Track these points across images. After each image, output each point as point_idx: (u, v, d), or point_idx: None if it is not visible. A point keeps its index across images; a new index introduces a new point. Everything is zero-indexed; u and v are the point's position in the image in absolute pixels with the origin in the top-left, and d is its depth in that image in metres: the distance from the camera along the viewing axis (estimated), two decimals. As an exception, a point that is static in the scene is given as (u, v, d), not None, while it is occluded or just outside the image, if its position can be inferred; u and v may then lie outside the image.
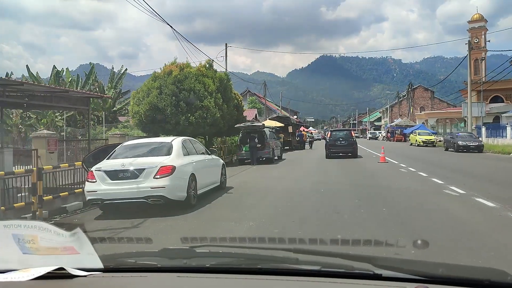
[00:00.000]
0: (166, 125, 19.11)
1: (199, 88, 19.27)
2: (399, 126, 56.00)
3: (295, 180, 12.96)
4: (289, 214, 7.52)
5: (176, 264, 1.83)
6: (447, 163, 19.14)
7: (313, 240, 3.48)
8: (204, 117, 19.05)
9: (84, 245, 1.72)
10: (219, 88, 20.32)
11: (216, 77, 20.51)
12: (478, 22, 64.62)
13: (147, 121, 19.29)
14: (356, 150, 23.38)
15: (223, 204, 8.97)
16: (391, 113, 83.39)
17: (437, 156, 24.23)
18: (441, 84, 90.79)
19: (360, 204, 8.26)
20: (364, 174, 14.20)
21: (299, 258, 1.81)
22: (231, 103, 21.47)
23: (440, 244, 4.89)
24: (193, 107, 19.01)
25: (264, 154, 20.46)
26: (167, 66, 20.46)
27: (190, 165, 8.52)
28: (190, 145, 9.52)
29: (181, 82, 19.33)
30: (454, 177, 12.74)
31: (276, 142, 22.96)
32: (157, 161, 7.92)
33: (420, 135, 38.61)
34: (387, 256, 2.56)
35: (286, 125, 34.36)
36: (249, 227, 6.52)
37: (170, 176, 7.72)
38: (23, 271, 1.66)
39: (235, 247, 2.65)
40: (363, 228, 6.14)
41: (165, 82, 19.30)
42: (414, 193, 9.86)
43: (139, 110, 19.28)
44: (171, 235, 6.16)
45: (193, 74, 19.77)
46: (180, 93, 19.01)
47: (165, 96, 18.99)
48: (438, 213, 7.36)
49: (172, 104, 18.81)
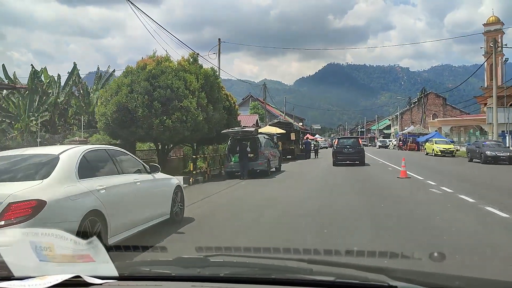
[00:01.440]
0: (138, 129, 15.70)
1: (179, 85, 15.87)
2: (411, 134, 52.06)
3: (289, 205, 9.39)
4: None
5: (190, 273, 1.84)
6: (485, 179, 15.39)
7: (328, 251, 3.18)
8: (184, 120, 15.61)
9: (99, 253, 1.79)
10: (204, 86, 16.90)
11: (200, 73, 17.08)
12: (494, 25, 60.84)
13: (114, 125, 15.87)
14: (363, 158, 23.05)
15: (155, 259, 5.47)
16: (401, 120, 79.67)
17: (465, 169, 20.54)
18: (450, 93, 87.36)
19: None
20: (384, 196, 10.52)
21: (313, 268, 1.81)
22: (219, 105, 18.01)
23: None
24: (170, 108, 15.58)
25: (257, 165, 16.94)
26: (142, 60, 17.07)
27: (90, 196, 4.84)
28: (105, 159, 5.94)
29: (156, 78, 15.94)
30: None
31: (273, 151, 19.44)
32: (8, 192, 4.20)
33: (437, 144, 34.84)
34: (403, 268, 2.12)
35: (288, 132, 30.76)
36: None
37: (31, 221, 4.00)
38: (39, 278, 1.66)
39: (250, 256, 2.60)
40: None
41: (137, 78, 15.91)
42: (488, 248, 5.44)
43: (106, 111, 15.89)
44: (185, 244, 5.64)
45: (171, 69, 16.37)
46: (155, 91, 15.61)
47: (136, 94, 15.60)
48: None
49: (145, 104, 15.40)
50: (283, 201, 10.08)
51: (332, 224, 7.04)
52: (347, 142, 25.15)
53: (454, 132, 56.27)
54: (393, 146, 61.57)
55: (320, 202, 9.52)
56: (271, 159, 18.29)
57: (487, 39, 58.91)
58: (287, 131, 30.53)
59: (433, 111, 73.84)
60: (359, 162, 22.98)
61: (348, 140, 26.40)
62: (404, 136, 53.13)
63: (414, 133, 52.07)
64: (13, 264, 1.75)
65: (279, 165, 20.20)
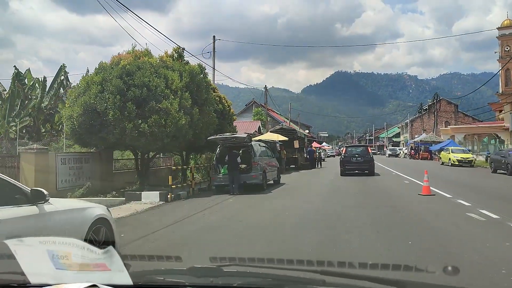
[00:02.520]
0: (109, 135, 13.28)
1: (158, 83, 13.48)
2: (423, 142, 49.10)
3: (277, 239, 6.70)
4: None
5: (203, 283, 1.87)
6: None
7: (341, 263, 2.95)
8: (162, 124, 13.17)
9: (115, 262, 1.79)
10: (189, 85, 14.46)
11: (185, 70, 14.63)
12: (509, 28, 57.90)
13: (81, 130, 13.46)
14: (373, 168, 21.69)
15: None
16: (411, 128, 76.81)
17: (496, 183, 17.74)
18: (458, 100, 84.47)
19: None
20: (411, 225, 7.85)
21: (326, 280, 1.81)
22: (208, 107, 15.54)
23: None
24: (147, 110, 13.17)
25: (250, 178, 14.37)
26: (118, 55, 14.68)
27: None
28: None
29: (131, 75, 13.55)
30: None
31: (271, 161, 16.87)
32: None
33: (454, 153, 32.00)
34: (415, 281, 2.08)
35: (291, 139, 28.16)
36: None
37: None
38: (56, 286, 1.67)
39: (263, 267, 2.59)
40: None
41: (110, 75, 13.51)
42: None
43: (72, 114, 13.49)
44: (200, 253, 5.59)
45: (150, 65, 13.95)
46: (129, 90, 13.22)
47: (107, 94, 13.20)
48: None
49: (116, 105, 13.00)
50: (271, 231, 7.46)
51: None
52: (355, 150, 23.55)
53: (467, 140, 53.39)
54: (404, 155, 58.62)
55: (322, 237, 6.86)
56: (268, 170, 15.73)
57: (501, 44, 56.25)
58: (290, 139, 27.94)
59: (445, 118, 70.92)
60: (368, 172, 21.57)
61: (357, 148, 24.65)
62: (416, 144, 50.22)
63: (426, 141, 49.12)
64: (30, 272, 1.79)
65: (278, 177, 17.61)
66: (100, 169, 15.40)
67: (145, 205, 11.92)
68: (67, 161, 14.15)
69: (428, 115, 75.57)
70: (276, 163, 18.04)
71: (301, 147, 30.63)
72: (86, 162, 15.07)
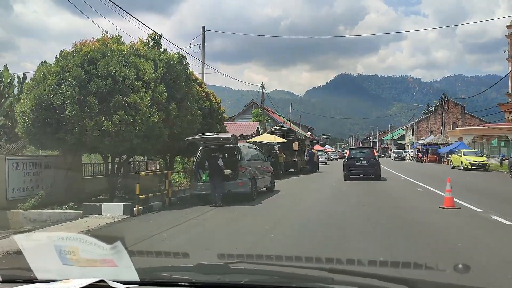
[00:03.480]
0: (67, 136, 11.14)
1: (126, 74, 11.36)
2: (431, 144, 46.62)
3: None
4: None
5: (210, 280, 1.85)
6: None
7: (350, 261, 3.03)
8: (130, 122, 11.02)
9: (122, 258, 1.79)
10: (165, 77, 12.30)
11: (161, 59, 12.48)
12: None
13: (35, 129, 11.32)
14: (379, 172, 20.33)
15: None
16: (417, 130, 74.40)
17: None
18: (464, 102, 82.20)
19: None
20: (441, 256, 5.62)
21: (335, 278, 1.80)
22: (189, 103, 13.39)
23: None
24: (112, 106, 11.03)
25: (235, 186, 12.10)
26: (83, 42, 12.52)
27: None
28: None
29: (95, 63, 11.41)
30: None
31: (263, 166, 14.61)
32: None
33: (466, 156, 29.64)
34: (424, 279, 1.97)
35: (290, 141, 25.90)
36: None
37: None
38: (64, 282, 1.66)
39: (271, 264, 2.51)
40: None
41: (69, 64, 11.37)
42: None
43: (25, 110, 11.37)
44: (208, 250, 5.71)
45: (118, 53, 11.81)
46: (91, 81, 11.07)
47: (65, 86, 11.07)
48: None
49: (75, 99, 10.87)
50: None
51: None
52: (360, 153, 21.65)
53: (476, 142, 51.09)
54: (410, 158, 56.22)
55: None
56: (259, 176, 13.49)
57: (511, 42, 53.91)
58: (288, 140, 25.68)
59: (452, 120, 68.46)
60: (374, 176, 20.10)
61: (362, 151, 22.59)
62: (424, 146, 47.77)
63: (434, 143, 46.65)
64: (37, 268, 1.79)
65: (272, 184, 15.36)
66: (65, 175, 13.25)
67: (105, 220, 9.77)
68: (21, 166, 12.03)
69: (435, 116, 73.21)
70: (270, 168, 15.78)
71: (301, 150, 28.40)
72: (47, 167, 12.93)
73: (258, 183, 13.18)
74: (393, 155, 62.46)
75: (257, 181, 13.10)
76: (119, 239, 1.85)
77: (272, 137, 24.44)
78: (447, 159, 40.10)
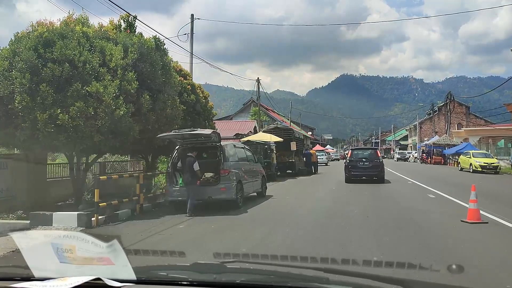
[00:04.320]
0: (17, 130, 9.41)
1: (88, 58, 9.61)
2: (436, 145, 44.72)
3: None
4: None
5: (206, 279, 1.84)
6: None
7: (345, 260, 3.11)
8: (91, 115, 9.29)
9: (119, 257, 1.78)
10: (138, 64, 10.55)
11: (133, 43, 10.72)
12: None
13: (-20, 123, 9.59)
14: (382, 174, 18.84)
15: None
16: (420, 130, 72.57)
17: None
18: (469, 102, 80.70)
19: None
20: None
21: (330, 277, 1.79)
22: (166, 95, 11.64)
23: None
24: (69, 96, 9.30)
25: (217, 192, 10.26)
26: (39, 21, 10.76)
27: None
28: None
29: (51, 45, 9.65)
30: None
31: (252, 168, 12.80)
32: None
33: (475, 158, 27.79)
34: (418, 280, 2.07)
35: (288, 141, 24.08)
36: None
37: None
38: (60, 279, 1.66)
39: (266, 264, 2.53)
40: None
41: (21, 47, 9.63)
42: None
43: (-31, 101, 9.62)
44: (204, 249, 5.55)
45: (80, 34, 10.07)
46: (44, 67, 9.32)
47: (15, 72, 9.33)
48: None
49: (26, 88, 9.14)
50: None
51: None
52: (362, 154, 20.03)
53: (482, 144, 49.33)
54: (414, 159, 54.34)
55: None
56: (247, 180, 11.70)
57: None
58: (286, 140, 23.86)
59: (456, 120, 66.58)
60: (377, 179, 18.52)
61: (364, 151, 20.96)
62: (428, 147, 45.89)
63: (439, 144, 44.75)
64: (34, 265, 1.79)
65: (263, 188, 13.57)
66: (26, 177, 11.51)
67: (47, 233, 7.97)
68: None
69: (438, 116, 71.42)
70: (261, 170, 13.98)
71: (300, 150, 26.61)
72: (3, 167, 11.19)
73: (245, 188, 11.39)
74: (396, 156, 60.53)
75: (245, 185, 11.31)
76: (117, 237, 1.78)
77: (268, 136, 22.66)
78: (453, 160, 38.28)
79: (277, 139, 22.70)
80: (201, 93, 15.68)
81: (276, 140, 22.65)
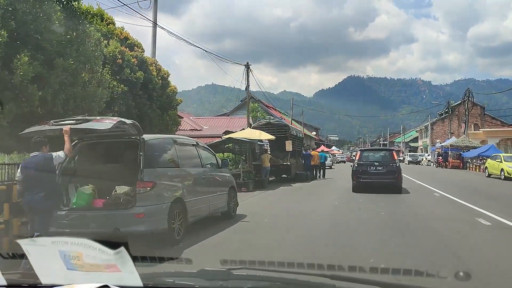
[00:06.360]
0: None
1: None
2: (454, 147, 40.20)
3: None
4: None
5: (212, 286, 1.85)
6: None
7: (352, 268, 2.87)
8: None
9: (126, 264, 1.74)
10: (16, 7, 6.36)
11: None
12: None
13: None
14: (400, 182, 14.89)
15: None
16: (432, 132, 68.11)
17: None
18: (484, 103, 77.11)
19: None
20: None
21: (336, 284, 1.78)
22: (79, 64, 7.46)
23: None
24: None
25: (130, 222, 5.80)
26: None
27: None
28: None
29: None
30: None
31: (208, 176, 8.34)
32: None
33: (507, 162, 23.28)
34: (426, 287, 2.05)
35: (282, 139, 19.79)
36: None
37: None
38: (68, 286, 1.67)
39: (273, 271, 2.37)
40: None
41: None
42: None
43: None
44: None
45: None
46: None
47: None
48: None
49: None
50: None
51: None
52: (374, 156, 16.16)
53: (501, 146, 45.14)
54: (427, 162, 49.84)
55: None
56: (199, 196, 7.37)
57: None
58: (279, 138, 19.57)
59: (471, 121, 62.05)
60: (393, 188, 14.50)
61: (376, 153, 16.97)
62: (444, 150, 41.37)
63: (458, 146, 40.24)
64: (42, 272, 1.78)
65: (230, 205, 9.08)
66: None
67: None
68: None
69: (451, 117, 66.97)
70: (229, 179, 9.59)
71: (298, 150, 22.34)
72: None
73: (195, 208, 7.11)
74: (407, 159, 55.97)
75: (193, 204, 7.03)
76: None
77: (257, 133, 18.37)
78: (475, 165, 33.83)
79: (268, 137, 18.39)
80: (155, 71, 11.48)
81: (267, 138, 18.41)
